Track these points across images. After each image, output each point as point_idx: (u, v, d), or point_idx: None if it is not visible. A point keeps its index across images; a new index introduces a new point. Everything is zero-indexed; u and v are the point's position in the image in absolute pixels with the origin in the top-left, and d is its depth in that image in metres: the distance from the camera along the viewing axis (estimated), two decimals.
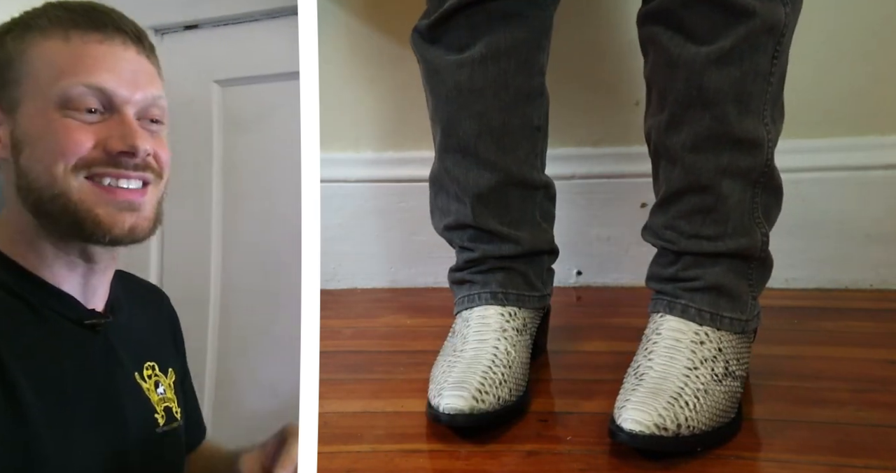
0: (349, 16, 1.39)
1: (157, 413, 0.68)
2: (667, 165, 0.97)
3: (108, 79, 0.62)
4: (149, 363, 0.70)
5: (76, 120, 0.61)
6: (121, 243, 0.63)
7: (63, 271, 0.63)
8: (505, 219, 1.05)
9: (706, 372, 0.91)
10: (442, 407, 0.93)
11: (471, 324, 1.03)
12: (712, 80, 0.91)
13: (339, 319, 1.32)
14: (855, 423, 0.93)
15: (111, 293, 0.68)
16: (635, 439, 0.86)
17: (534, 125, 1.04)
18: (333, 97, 1.40)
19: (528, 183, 1.05)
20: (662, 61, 0.94)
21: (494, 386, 0.95)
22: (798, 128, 1.33)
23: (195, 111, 0.82)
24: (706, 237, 0.96)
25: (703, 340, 0.94)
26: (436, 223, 1.11)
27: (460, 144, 1.02)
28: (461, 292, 1.08)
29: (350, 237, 1.45)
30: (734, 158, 0.93)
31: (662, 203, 0.99)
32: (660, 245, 1.00)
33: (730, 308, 0.96)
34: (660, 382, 0.90)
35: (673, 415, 0.87)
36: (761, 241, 0.97)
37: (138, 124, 0.63)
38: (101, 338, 0.65)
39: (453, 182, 1.05)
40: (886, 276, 1.34)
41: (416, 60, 1.06)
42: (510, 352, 0.99)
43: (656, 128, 0.97)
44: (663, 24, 0.92)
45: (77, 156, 0.61)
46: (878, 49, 1.30)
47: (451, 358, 1.00)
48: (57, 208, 0.61)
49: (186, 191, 0.78)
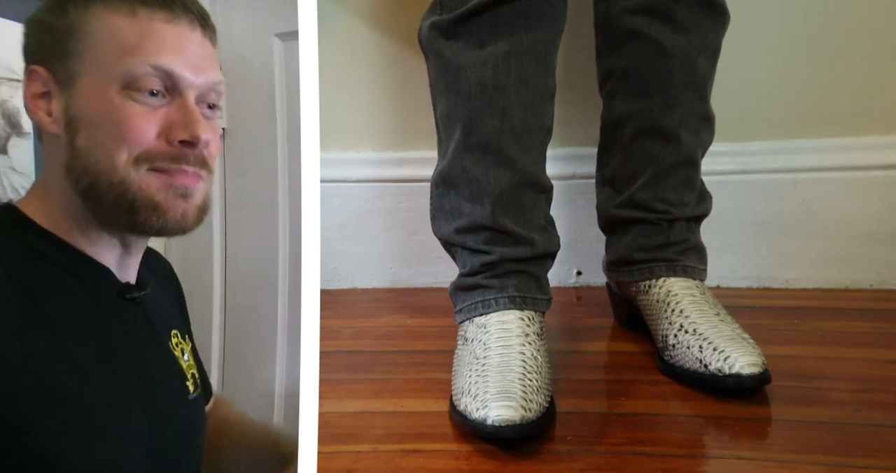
0: (349, 16, 1.39)
1: (188, 381, 0.69)
2: (658, 143, 1.08)
3: (175, 61, 0.60)
4: (174, 331, 0.70)
5: (139, 103, 0.59)
6: (166, 233, 0.62)
7: (105, 250, 0.63)
8: (519, 221, 1.04)
9: (725, 315, 1.03)
10: (491, 420, 0.88)
11: (490, 330, 1.00)
12: (701, 67, 1.05)
13: (339, 319, 1.32)
14: (855, 423, 0.93)
15: (140, 268, 0.67)
16: (757, 379, 0.95)
17: (546, 126, 1.05)
18: (333, 97, 1.40)
19: (538, 184, 1.05)
20: (653, 51, 1.05)
21: (534, 393, 0.92)
22: (798, 128, 1.33)
23: (257, 67, 0.79)
24: (687, 204, 1.10)
25: (703, 291, 1.07)
26: (441, 226, 1.09)
27: (482, 142, 1.01)
28: (472, 298, 1.05)
29: (350, 237, 1.45)
30: (705, 134, 1.10)
31: (652, 178, 1.09)
32: (652, 217, 1.10)
33: (701, 261, 1.12)
34: (718, 331, 0.99)
35: (759, 350, 0.97)
36: (710, 202, 1.14)
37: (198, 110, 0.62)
38: (141, 311, 0.65)
39: (471, 182, 1.03)
40: (886, 276, 1.34)
41: (426, 56, 1.05)
42: (537, 358, 0.97)
43: (645, 113, 1.07)
44: (648, 17, 1.03)
45: (141, 147, 0.59)
46: (878, 49, 1.30)
47: (475, 367, 0.96)
48: (113, 196, 0.59)
49: (251, 161, 0.75)
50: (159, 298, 0.70)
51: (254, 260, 0.80)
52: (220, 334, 0.81)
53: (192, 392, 0.69)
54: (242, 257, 0.80)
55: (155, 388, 0.64)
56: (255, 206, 0.80)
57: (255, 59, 0.78)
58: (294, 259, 0.77)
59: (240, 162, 0.66)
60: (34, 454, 0.53)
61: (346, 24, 1.39)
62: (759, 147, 1.32)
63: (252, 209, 0.80)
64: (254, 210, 0.80)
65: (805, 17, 1.31)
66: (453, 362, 1.03)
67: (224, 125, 0.76)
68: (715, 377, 0.96)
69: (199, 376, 0.71)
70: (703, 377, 0.98)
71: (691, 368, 0.99)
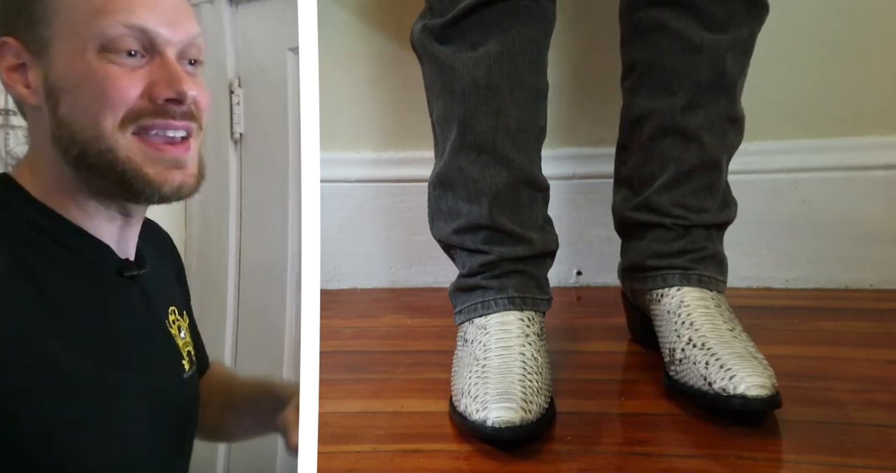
0: (349, 16, 1.39)
1: (184, 359, 0.68)
2: (678, 144, 1.02)
3: (149, 18, 0.58)
4: (171, 307, 0.69)
5: (118, 64, 0.58)
6: (168, 200, 0.61)
7: (104, 223, 0.62)
8: (517, 219, 1.03)
9: (740, 332, 0.98)
10: (491, 421, 0.88)
11: (489, 331, 1.00)
12: (730, 65, 0.99)
13: (339, 319, 1.32)
14: (855, 423, 0.93)
15: (139, 241, 0.66)
16: (764, 402, 0.89)
17: (540, 125, 1.04)
18: (333, 97, 1.40)
19: (535, 183, 1.05)
20: (678, 46, 0.99)
21: (534, 394, 0.92)
22: (798, 128, 1.33)
23: (270, 80, 0.79)
24: (707, 210, 1.04)
25: (718, 303, 1.01)
26: (439, 228, 1.08)
27: (477, 141, 1.01)
28: (471, 299, 1.04)
29: (350, 237, 1.45)
30: (732, 137, 1.04)
31: (671, 181, 1.03)
32: (668, 222, 1.04)
33: (720, 272, 1.05)
34: (729, 347, 0.94)
35: (771, 373, 0.91)
36: (734, 209, 1.08)
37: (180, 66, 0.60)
38: (139, 288, 0.64)
39: (468, 181, 1.03)
40: (886, 276, 1.34)
41: (420, 59, 1.05)
42: (537, 358, 0.97)
43: (666, 110, 1.02)
44: (676, 10, 0.98)
45: (125, 107, 0.58)
46: (878, 49, 1.31)
47: (475, 369, 0.96)
48: (104, 164, 0.58)
49: (264, 163, 0.75)
50: (158, 273, 0.69)
51: (266, 259, 0.81)
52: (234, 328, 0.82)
53: (187, 370, 0.68)
54: (256, 255, 0.81)
55: (153, 367, 0.64)
56: (268, 208, 0.81)
57: (271, 69, 0.79)
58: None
59: (255, 165, 0.67)
60: (34, 432, 0.53)
61: (347, 24, 1.39)
62: (759, 147, 1.32)
63: (265, 210, 0.81)
64: (267, 211, 0.81)
65: (805, 18, 1.31)
66: (453, 363, 1.03)
67: (241, 130, 0.77)
68: (719, 397, 0.91)
69: (194, 352, 0.70)
70: (707, 396, 0.92)
71: (695, 386, 0.94)
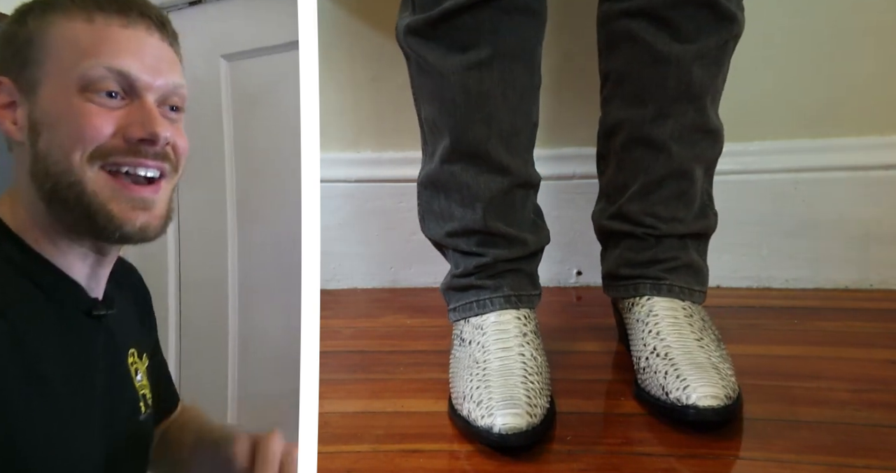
0: (349, 15, 1.39)
1: (140, 401, 0.68)
2: (648, 154, 1.02)
3: (131, 63, 0.61)
4: (132, 349, 0.69)
5: (96, 104, 0.60)
6: (130, 241, 0.62)
7: (76, 261, 0.63)
8: (511, 221, 1.03)
9: (710, 342, 0.97)
10: (497, 428, 0.88)
11: (487, 331, 1.00)
12: (697, 76, 0.99)
13: (339, 319, 1.32)
14: (855, 423, 0.93)
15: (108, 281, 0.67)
16: (716, 413, 0.89)
17: (532, 121, 1.03)
18: (333, 97, 1.40)
19: (528, 182, 1.04)
20: (646, 57, 0.99)
21: (537, 396, 0.92)
22: (798, 128, 1.33)
23: (204, 88, 0.80)
24: (680, 220, 1.04)
25: (690, 313, 1.01)
26: (431, 228, 1.07)
27: (470, 150, 0.99)
28: (465, 298, 1.04)
29: (350, 237, 1.45)
30: (704, 147, 1.03)
31: (641, 190, 1.03)
32: (639, 231, 1.04)
33: (697, 282, 1.04)
34: (691, 357, 0.94)
35: (730, 383, 0.91)
36: (714, 220, 1.08)
37: (158, 111, 0.62)
38: (104, 329, 0.65)
39: (461, 187, 1.01)
40: (886, 276, 1.34)
41: (406, 57, 1.02)
42: (536, 358, 0.97)
43: (636, 121, 1.02)
44: (645, 21, 0.98)
45: (96, 143, 0.59)
46: (878, 48, 1.30)
47: (476, 372, 0.96)
48: (73, 197, 0.59)
49: (200, 172, 0.76)
50: (123, 313, 0.70)
51: (205, 269, 0.82)
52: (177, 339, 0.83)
53: (143, 412, 0.69)
54: (195, 266, 0.82)
55: (109, 407, 0.64)
56: (205, 218, 0.82)
57: (205, 79, 0.81)
58: (244, 267, 0.81)
59: (190, 175, 0.68)
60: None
61: (346, 24, 1.39)
62: (759, 147, 1.32)
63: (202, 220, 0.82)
64: (203, 221, 0.82)
65: (805, 18, 1.31)
66: (450, 363, 1.03)
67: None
68: (675, 406, 0.91)
69: (150, 396, 0.71)
70: (665, 406, 0.93)
71: (655, 395, 0.95)
